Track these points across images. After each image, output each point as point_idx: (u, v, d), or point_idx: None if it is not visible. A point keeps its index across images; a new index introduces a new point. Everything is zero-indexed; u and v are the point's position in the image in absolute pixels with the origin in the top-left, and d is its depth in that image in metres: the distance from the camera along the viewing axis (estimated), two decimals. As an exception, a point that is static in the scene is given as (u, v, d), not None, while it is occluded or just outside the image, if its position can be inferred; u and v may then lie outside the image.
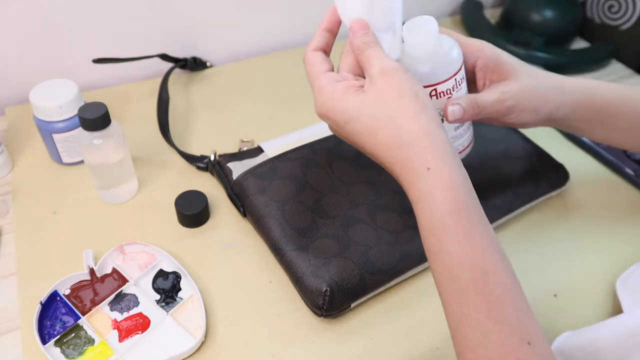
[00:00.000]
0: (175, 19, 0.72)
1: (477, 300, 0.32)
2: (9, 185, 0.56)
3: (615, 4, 0.83)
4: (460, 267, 0.33)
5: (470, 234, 0.33)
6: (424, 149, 0.35)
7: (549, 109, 0.45)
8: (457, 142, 0.46)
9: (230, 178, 0.55)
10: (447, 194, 0.34)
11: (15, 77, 0.66)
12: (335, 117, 0.38)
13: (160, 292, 0.47)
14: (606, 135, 0.49)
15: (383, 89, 0.36)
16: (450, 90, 0.42)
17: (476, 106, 0.42)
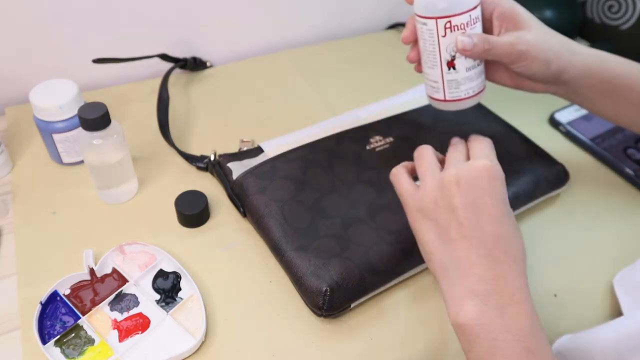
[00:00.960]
0: (175, 19, 0.72)
1: None
2: (9, 185, 0.56)
3: (615, 4, 0.83)
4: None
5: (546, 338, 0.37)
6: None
7: (560, 65, 0.46)
8: (468, 86, 0.47)
9: (230, 178, 0.55)
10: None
11: (15, 77, 0.66)
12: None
13: (160, 292, 0.47)
14: (614, 110, 0.49)
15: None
16: (465, 25, 0.44)
17: (487, 42, 0.44)
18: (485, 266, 0.37)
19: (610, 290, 0.50)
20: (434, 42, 0.45)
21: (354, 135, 0.58)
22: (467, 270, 0.38)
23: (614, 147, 0.65)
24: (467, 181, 0.39)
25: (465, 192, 0.39)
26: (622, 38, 0.84)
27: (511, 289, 0.37)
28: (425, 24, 0.45)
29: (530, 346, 0.35)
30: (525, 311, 0.36)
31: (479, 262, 0.37)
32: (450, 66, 0.46)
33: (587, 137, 0.66)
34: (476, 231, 0.38)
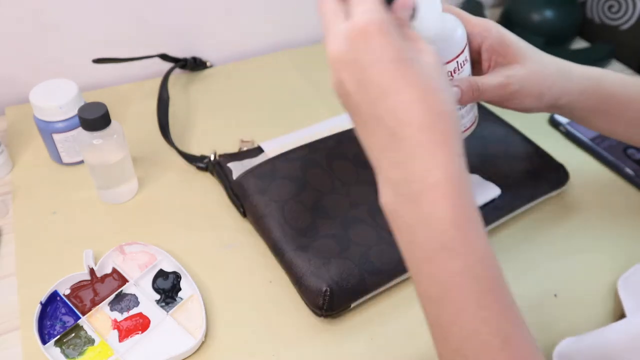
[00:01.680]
0: (175, 19, 0.72)
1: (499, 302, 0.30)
2: (9, 185, 0.56)
3: (615, 4, 0.83)
4: (485, 265, 0.30)
5: (484, 229, 0.31)
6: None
7: (554, 95, 0.44)
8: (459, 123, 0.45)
9: (230, 178, 0.55)
10: (470, 184, 0.31)
11: (15, 77, 0.66)
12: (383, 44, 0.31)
13: (160, 292, 0.47)
14: (609, 127, 0.48)
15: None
16: (452, 72, 0.41)
17: (476, 89, 0.41)
18: (392, 148, 0.31)
19: (610, 291, 0.50)
20: None
21: (354, 135, 0.58)
22: (378, 157, 0.32)
23: (614, 147, 0.65)
24: (348, 55, 0.31)
25: (348, 69, 0.32)
26: (622, 38, 0.84)
27: (424, 170, 0.30)
28: None
29: (448, 241, 0.29)
30: (444, 196, 0.30)
31: (386, 145, 0.31)
32: None
33: (587, 137, 0.66)
34: (372, 111, 0.31)
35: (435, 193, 0.30)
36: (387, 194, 0.32)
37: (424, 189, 0.30)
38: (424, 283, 0.31)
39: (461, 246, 0.30)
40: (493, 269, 0.30)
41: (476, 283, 0.29)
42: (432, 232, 0.30)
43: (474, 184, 0.53)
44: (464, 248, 0.30)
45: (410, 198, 0.31)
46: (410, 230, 0.31)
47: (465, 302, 0.29)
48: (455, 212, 0.30)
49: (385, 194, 0.32)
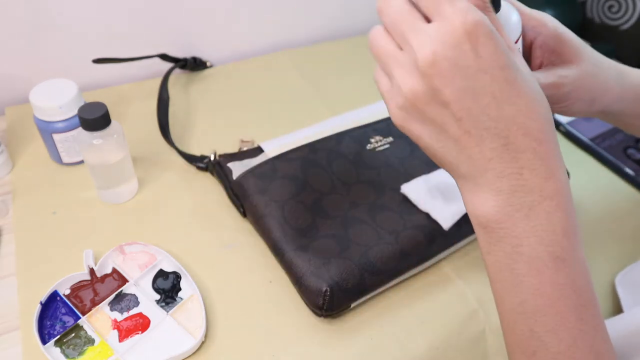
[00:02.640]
0: (175, 19, 0.72)
1: (595, 317, 0.30)
2: (9, 185, 0.56)
3: (615, 4, 0.83)
4: (585, 277, 0.30)
5: (582, 243, 0.31)
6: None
7: (607, 102, 0.40)
8: None
9: (230, 178, 0.55)
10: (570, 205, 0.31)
11: (15, 77, 0.66)
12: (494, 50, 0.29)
13: (160, 292, 0.47)
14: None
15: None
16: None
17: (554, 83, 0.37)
18: (505, 159, 0.29)
19: (610, 290, 0.50)
20: None
21: (354, 135, 0.58)
22: (482, 167, 0.30)
23: (614, 147, 0.65)
24: (446, 59, 0.28)
25: (450, 77, 0.28)
26: (622, 38, 0.84)
27: (539, 181, 0.29)
28: None
29: (560, 253, 0.29)
30: (559, 206, 0.29)
31: (496, 155, 0.29)
32: None
33: (587, 137, 0.66)
34: (481, 122, 0.29)
35: (551, 203, 0.29)
36: (489, 205, 0.31)
37: (541, 200, 0.29)
38: (522, 296, 0.30)
39: (570, 257, 0.29)
40: (590, 282, 0.31)
41: (578, 296, 0.29)
42: (543, 243, 0.29)
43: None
44: (572, 259, 0.29)
45: (522, 209, 0.30)
46: (515, 242, 0.30)
47: (565, 315, 0.29)
48: (568, 223, 0.29)
49: (486, 204, 0.31)
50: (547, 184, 0.29)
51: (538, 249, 0.29)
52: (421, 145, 0.32)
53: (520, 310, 0.30)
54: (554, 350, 0.29)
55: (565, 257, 0.29)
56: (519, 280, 0.30)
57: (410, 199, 0.52)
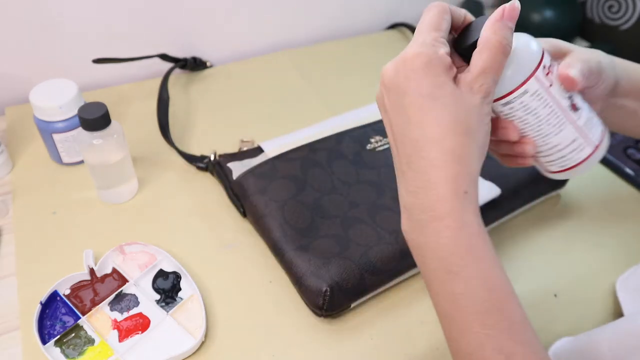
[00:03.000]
0: (175, 19, 0.72)
1: (502, 321, 0.31)
2: (9, 185, 0.56)
3: (615, 4, 0.83)
4: (487, 287, 0.32)
5: (493, 254, 0.33)
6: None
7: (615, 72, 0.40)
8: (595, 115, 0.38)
9: (230, 178, 0.55)
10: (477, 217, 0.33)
11: (15, 77, 0.66)
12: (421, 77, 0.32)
13: (160, 292, 0.47)
14: None
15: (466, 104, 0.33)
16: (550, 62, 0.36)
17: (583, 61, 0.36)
18: (410, 176, 0.33)
19: (610, 290, 0.50)
20: (547, 101, 0.36)
21: (354, 135, 0.58)
22: (400, 179, 0.35)
23: (614, 147, 0.65)
24: (390, 79, 0.34)
25: (389, 91, 0.34)
26: (622, 38, 0.84)
27: (430, 203, 0.32)
28: (525, 93, 0.35)
29: (450, 267, 0.32)
30: (446, 227, 0.32)
31: (406, 171, 0.34)
32: (575, 109, 0.36)
33: (587, 137, 0.66)
34: (402, 136, 0.33)
35: (439, 224, 0.32)
36: (403, 217, 0.35)
37: (431, 220, 0.33)
38: (435, 300, 0.34)
39: (463, 271, 0.32)
40: (498, 290, 0.32)
41: (479, 304, 0.31)
42: (436, 258, 0.33)
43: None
44: (465, 273, 0.32)
45: (419, 225, 0.33)
46: (421, 253, 0.34)
47: (468, 322, 0.31)
48: (456, 242, 0.32)
49: (402, 216, 0.35)
50: (436, 205, 0.32)
51: (434, 263, 0.33)
52: None
53: (439, 312, 0.34)
54: (467, 351, 0.32)
55: (458, 271, 0.32)
56: (430, 286, 0.34)
57: (410, 199, 0.52)
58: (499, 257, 0.34)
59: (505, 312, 0.32)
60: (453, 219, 0.32)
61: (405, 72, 0.33)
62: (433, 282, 0.34)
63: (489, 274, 0.32)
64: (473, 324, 0.31)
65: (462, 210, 0.32)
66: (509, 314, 0.32)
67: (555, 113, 0.36)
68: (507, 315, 0.32)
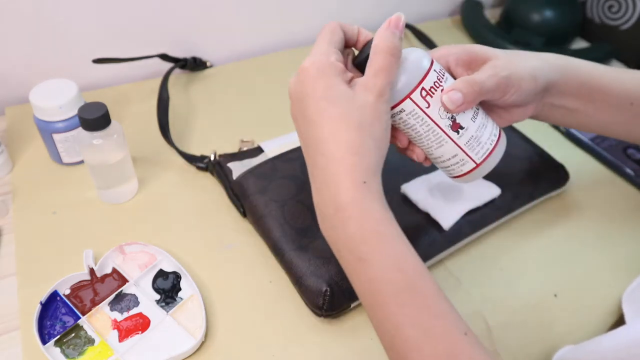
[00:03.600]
0: (175, 19, 0.72)
1: (416, 298, 0.33)
2: (9, 185, 0.56)
3: (615, 4, 0.83)
4: (397, 268, 0.33)
5: (401, 237, 0.35)
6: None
7: (544, 76, 0.42)
8: (486, 133, 0.40)
9: (230, 178, 0.55)
10: (380, 205, 0.35)
11: (15, 77, 0.66)
12: (319, 86, 0.36)
13: (160, 292, 0.47)
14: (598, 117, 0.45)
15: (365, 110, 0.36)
16: (438, 82, 0.38)
17: (474, 83, 0.38)
18: (315, 174, 0.36)
19: (610, 290, 0.50)
20: (424, 120, 0.39)
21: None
22: (311, 179, 0.37)
23: (614, 147, 0.65)
24: (295, 88, 0.38)
25: (294, 101, 0.38)
26: (622, 38, 0.84)
27: (332, 195, 0.35)
28: (402, 111, 0.39)
29: (361, 254, 0.34)
30: (349, 217, 0.34)
31: (312, 170, 0.37)
32: (456, 129, 0.39)
33: (587, 137, 0.66)
34: (306, 139, 0.37)
35: (344, 214, 0.34)
36: (317, 214, 0.37)
37: (335, 212, 0.35)
38: (357, 292, 0.36)
39: (372, 257, 0.34)
40: (409, 269, 0.34)
41: (391, 285, 0.33)
42: (347, 248, 0.35)
43: (474, 184, 0.53)
44: (374, 259, 0.34)
45: (328, 220, 0.36)
46: (336, 247, 0.36)
47: (386, 304, 0.33)
48: (362, 231, 0.34)
49: (317, 214, 0.37)
50: (338, 197, 0.34)
51: (347, 254, 0.35)
52: None
53: (364, 304, 0.36)
54: (390, 335, 0.33)
55: (368, 258, 0.34)
56: (351, 278, 0.36)
57: (410, 199, 0.52)
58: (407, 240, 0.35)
59: (419, 289, 0.33)
60: (355, 208, 0.34)
61: (303, 80, 0.37)
62: (351, 274, 0.35)
63: (397, 255, 0.34)
64: (390, 305, 0.33)
65: (362, 199, 0.34)
66: (422, 290, 0.33)
67: (433, 131, 0.39)
68: (420, 292, 0.33)
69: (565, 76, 0.43)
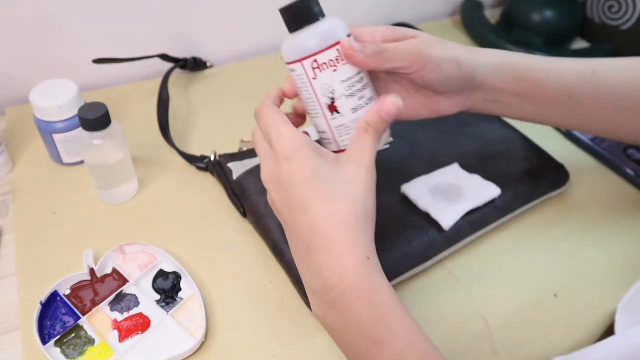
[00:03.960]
0: (175, 19, 0.72)
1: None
2: (9, 185, 0.56)
3: (615, 4, 0.83)
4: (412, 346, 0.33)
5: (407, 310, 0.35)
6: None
7: (470, 63, 0.41)
8: (348, 133, 0.40)
9: (230, 178, 0.55)
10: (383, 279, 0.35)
11: (15, 77, 0.66)
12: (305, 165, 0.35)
13: (160, 292, 0.47)
14: (539, 111, 0.45)
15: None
16: (334, 61, 0.38)
17: (378, 46, 0.38)
18: (310, 260, 0.35)
19: (610, 290, 0.50)
20: (308, 87, 0.39)
21: (354, 135, 0.58)
22: (302, 266, 0.36)
23: (614, 147, 0.65)
24: (274, 176, 0.37)
25: (277, 188, 0.36)
26: (622, 38, 0.84)
27: (337, 277, 0.33)
28: (293, 70, 0.39)
29: (375, 336, 0.32)
30: (358, 298, 0.33)
31: (305, 256, 0.35)
32: (333, 110, 0.39)
33: (587, 137, 0.66)
34: (294, 225, 0.36)
35: (350, 297, 0.33)
36: (313, 303, 0.35)
37: (341, 295, 0.33)
38: None
39: (386, 337, 0.32)
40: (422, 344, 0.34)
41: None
42: (359, 332, 0.33)
43: (474, 184, 0.53)
44: (389, 338, 0.32)
45: (331, 304, 0.34)
46: (340, 333, 0.34)
47: None
48: (372, 309, 0.33)
49: (312, 303, 0.36)
50: (342, 280, 0.33)
51: (358, 338, 0.33)
52: None
53: None
54: None
55: (383, 339, 0.32)
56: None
57: (410, 199, 0.52)
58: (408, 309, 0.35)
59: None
60: (363, 287, 0.33)
61: (284, 166, 0.35)
62: (360, 357, 0.34)
63: (411, 332, 0.33)
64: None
65: (369, 277, 0.34)
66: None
67: (313, 101, 0.40)
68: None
69: (500, 72, 0.43)
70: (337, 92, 0.39)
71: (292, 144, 0.36)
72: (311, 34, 0.38)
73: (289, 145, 0.36)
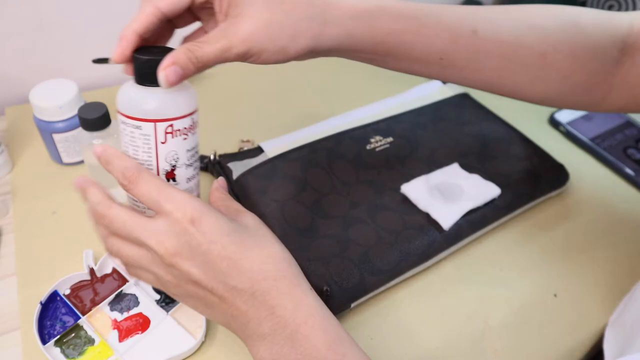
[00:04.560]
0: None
1: None
2: (9, 185, 0.56)
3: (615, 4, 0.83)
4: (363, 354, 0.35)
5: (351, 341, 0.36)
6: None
7: (303, 45, 0.36)
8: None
9: (230, 178, 0.55)
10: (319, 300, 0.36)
11: (15, 77, 0.66)
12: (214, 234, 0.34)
13: (161, 292, 0.47)
14: (400, 66, 0.41)
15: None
16: (187, 129, 0.37)
17: (195, 60, 0.34)
18: (257, 305, 0.34)
19: (610, 290, 0.50)
20: (150, 150, 0.36)
21: (354, 135, 0.58)
22: (244, 321, 0.35)
23: (614, 147, 0.65)
24: (182, 245, 0.33)
25: (191, 258, 0.34)
26: (622, 38, 0.84)
27: (290, 314, 0.34)
28: (138, 127, 0.35)
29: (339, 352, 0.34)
30: (314, 326, 0.34)
31: (250, 306, 0.34)
32: (170, 177, 0.38)
33: (587, 137, 0.66)
34: (228, 283, 0.34)
35: (306, 327, 0.34)
36: (261, 352, 0.35)
37: (297, 328, 0.34)
38: None
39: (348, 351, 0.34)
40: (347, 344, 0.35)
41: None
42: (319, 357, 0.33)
43: (474, 184, 0.53)
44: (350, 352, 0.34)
45: (286, 342, 0.34)
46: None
47: None
48: (327, 336, 0.34)
49: (260, 352, 0.35)
50: (296, 312, 0.34)
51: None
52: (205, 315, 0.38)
53: None
54: None
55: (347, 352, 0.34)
56: None
57: (410, 199, 0.52)
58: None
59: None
60: (316, 316, 0.34)
61: (195, 230, 0.33)
62: None
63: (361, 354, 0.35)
64: None
65: (316, 305, 0.35)
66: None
67: (150, 165, 0.37)
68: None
69: (353, 38, 0.37)
70: (180, 160, 0.37)
71: (192, 206, 0.34)
72: (179, 96, 0.36)
73: (189, 208, 0.33)
